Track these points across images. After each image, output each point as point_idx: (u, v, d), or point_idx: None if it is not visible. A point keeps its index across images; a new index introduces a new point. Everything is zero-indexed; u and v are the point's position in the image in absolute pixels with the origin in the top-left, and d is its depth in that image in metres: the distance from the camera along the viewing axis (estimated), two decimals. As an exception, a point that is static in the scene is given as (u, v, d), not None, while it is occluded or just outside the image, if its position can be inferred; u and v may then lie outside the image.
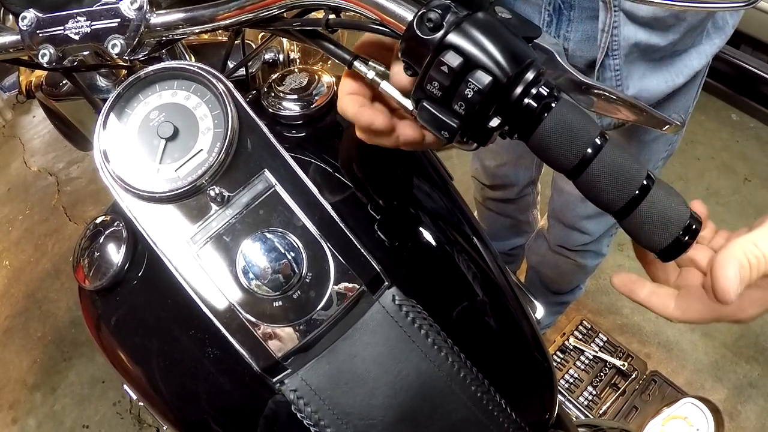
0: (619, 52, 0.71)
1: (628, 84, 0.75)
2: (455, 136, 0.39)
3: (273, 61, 0.79)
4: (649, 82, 0.76)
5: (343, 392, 0.48)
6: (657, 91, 0.78)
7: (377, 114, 0.43)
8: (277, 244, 0.46)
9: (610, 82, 0.75)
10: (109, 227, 0.56)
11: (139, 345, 0.54)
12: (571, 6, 0.71)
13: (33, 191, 2.36)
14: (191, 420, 0.54)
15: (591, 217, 1.13)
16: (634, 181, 0.38)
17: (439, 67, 0.36)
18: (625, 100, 0.49)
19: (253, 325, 0.47)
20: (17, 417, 1.75)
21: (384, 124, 0.43)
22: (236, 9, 0.45)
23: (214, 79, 0.48)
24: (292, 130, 0.61)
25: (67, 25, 0.47)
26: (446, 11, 0.37)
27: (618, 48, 0.71)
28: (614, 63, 0.73)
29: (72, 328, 1.91)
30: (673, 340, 1.70)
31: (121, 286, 0.54)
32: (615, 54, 0.72)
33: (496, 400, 0.50)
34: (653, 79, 0.76)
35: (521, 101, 0.37)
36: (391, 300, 0.49)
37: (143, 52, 0.49)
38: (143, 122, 0.48)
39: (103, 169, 0.47)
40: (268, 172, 0.48)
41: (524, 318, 0.60)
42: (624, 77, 0.74)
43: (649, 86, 0.77)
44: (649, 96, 0.78)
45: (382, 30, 0.41)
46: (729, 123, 2.19)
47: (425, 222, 0.57)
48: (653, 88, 0.77)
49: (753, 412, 1.56)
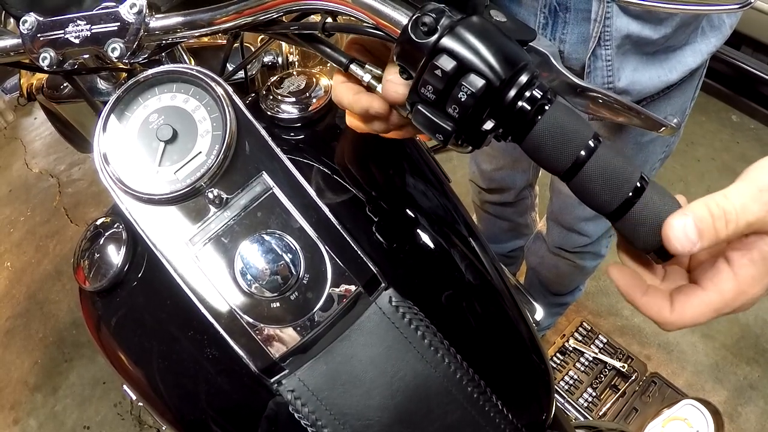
0: (611, 43, 0.71)
1: (619, 76, 0.75)
2: (450, 139, 0.39)
3: (272, 64, 0.80)
4: (641, 76, 0.76)
5: (340, 393, 0.48)
6: (649, 86, 0.78)
7: (374, 99, 0.45)
8: (275, 245, 0.47)
9: (602, 72, 0.75)
10: (109, 229, 0.56)
11: (138, 346, 0.55)
12: (567, 8, 0.72)
13: (34, 193, 2.37)
14: (190, 420, 0.54)
15: (589, 219, 1.13)
16: (627, 183, 0.38)
17: (433, 71, 0.37)
18: (621, 102, 0.49)
19: (251, 326, 0.47)
20: (18, 417, 1.76)
21: (382, 108, 0.44)
22: (235, 13, 0.45)
23: (213, 82, 0.48)
24: (290, 132, 0.61)
25: (68, 29, 0.47)
26: (441, 15, 0.37)
27: (610, 39, 0.71)
28: (606, 53, 0.73)
29: (73, 329, 1.92)
30: (673, 342, 1.70)
31: (120, 288, 0.55)
32: (607, 44, 0.72)
33: (492, 401, 0.51)
34: (645, 73, 0.76)
35: (515, 104, 0.38)
36: (388, 301, 0.49)
37: (143, 55, 0.49)
38: (143, 125, 0.48)
39: (103, 171, 0.48)
40: (266, 175, 0.48)
41: (521, 319, 0.60)
42: (616, 69, 0.74)
43: (641, 79, 0.76)
44: (641, 89, 0.78)
45: (378, 34, 0.41)
46: (729, 124, 2.20)
47: (422, 224, 0.57)
48: (645, 82, 0.77)
49: (753, 414, 1.56)
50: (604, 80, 0.76)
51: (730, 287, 0.38)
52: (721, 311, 0.39)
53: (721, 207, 0.35)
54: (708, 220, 0.35)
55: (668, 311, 0.40)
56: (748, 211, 0.35)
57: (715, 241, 0.35)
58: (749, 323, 1.72)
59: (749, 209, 0.35)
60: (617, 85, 0.76)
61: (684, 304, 0.40)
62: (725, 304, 0.38)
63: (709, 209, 0.35)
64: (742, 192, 0.35)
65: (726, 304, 0.38)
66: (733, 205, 0.35)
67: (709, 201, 0.36)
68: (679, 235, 0.35)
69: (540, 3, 0.73)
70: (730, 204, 0.35)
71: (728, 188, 0.36)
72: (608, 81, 0.76)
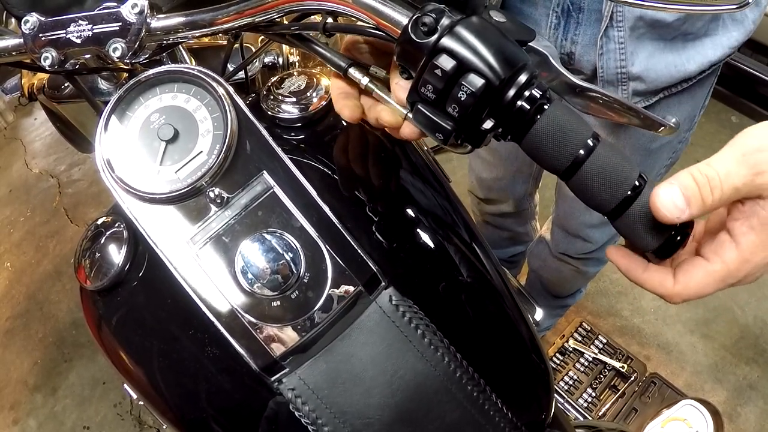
0: (623, 24, 0.68)
1: (633, 61, 0.72)
2: (449, 138, 0.39)
3: (272, 64, 0.80)
4: (657, 63, 0.73)
5: (340, 391, 0.48)
6: (665, 74, 0.74)
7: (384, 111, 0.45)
8: (276, 244, 0.47)
9: (614, 54, 0.72)
10: (110, 228, 0.56)
11: (139, 344, 0.55)
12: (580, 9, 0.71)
13: (34, 193, 2.37)
14: (191, 419, 0.54)
15: (595, 225, 1.11)
16: (626, 181, 0.38)
17: (433, 71, 0.37)
18: (620, 101, 0.49)
19: (251, 325, 0.47)
20: (18, 418, 1.76)
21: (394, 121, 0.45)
22: (236, 13, 0.46)
23: (214, 82, 0.48)
24: (291, 132, 0.61)
25: (69, 29, 0.48)
26: (440, 15, 0.37)
27: (623, 19, 0.68)
28: (619, 35, 0.70)
29: (73, 329, 1.92)
30: (673, 342, 1.70)
31: (121, 287, 0.55)
32: (620, 25, 0.69)
33: (492, 400, 0.51)
34: (661, 60, 0.73)
35: (514, 103, 0.38)
36: (388, 300, 0.49)
37: (144, 55, 0.49)
38: (144, 124, 0.49)
39: (104, 171, 0.48)
40: (266, 174, 0.48)
41: (521, 319, 0.60)
42: (629, 53, 0.72)
43: (656, 66, 0.73)
44: (655, 77, 0.74)
45: (378, 34, 0.41)
46: (729, 126, 2.20)
47: (422, 223, 0.57)
48: (661, 70, 0.74)
49: (753, 414, 1.56)
50: (617, 64, 0.73)
51: (734, 256, 0.38)
52: (726, 281, 0.39)
53: (704, 174, 0.36)
54: (693, 187, 0.36)
55: (671, 283, 0.40)
56: (732, 175, 0.35)
57: (702, 207, 0.36)
58: (749, 324, 1.72)
59: (733, 173, 0.35)
60: (631, 71, 0.74)
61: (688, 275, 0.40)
62: (730, 274, 0.38)
63: (693, 177, 0.36)
64: (726, 158, 0.36)
65: (730, 273, 0.38)
66: (717, 171, 0.36)
67: (693, 170, 0.36)
68: (666, 203, 0.36)
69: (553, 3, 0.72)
70: (713, 171, 0.36)
71: (712, 156, 0.37)
72: (621, 65, 0.73)
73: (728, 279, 0.38)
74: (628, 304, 1.79)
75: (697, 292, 0.39)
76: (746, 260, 0.38)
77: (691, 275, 0.39)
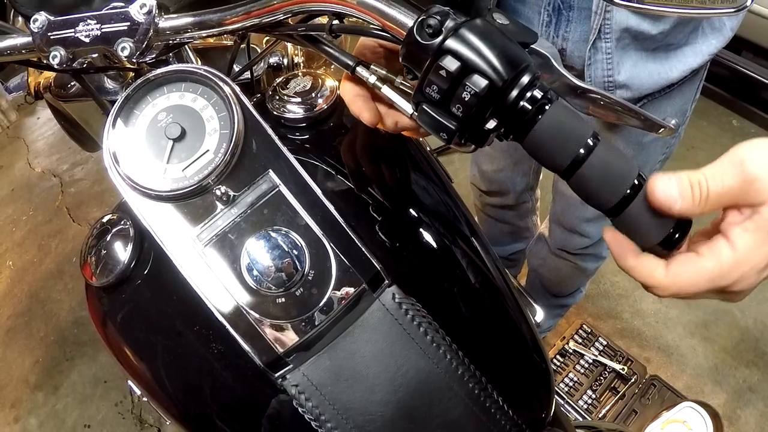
0: (611, 36, 0.73)
1: (619, 69, 0.77)
2: (453, 138, 0.40)
3: (277, 65, 0.81)
4: (641, 71, 0.78)
5: (343, 388, 0.49)
6: (649, 81, 0.79)
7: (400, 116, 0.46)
8: (281, 242, 0.47)
9: (602, 65, 0.76)
10: (117, 225, 0.57)
11: (144, 340, 0.55)
12: (570, 6, 0.73)
13: (37, 192, 2.38)
14: (195, 414, 0.55)
15: (591, 220, 1.14)
16: (626, 180, 0.39)
17: (438, 72, 0.38)
18: (621, 103, 0.50)
19: (256, 322, 0.48)
20: (19, 416, 1.76)
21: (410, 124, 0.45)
22: (243, 14, 0.46)
23: (221, 82, 0.49)
24: (296, 132, 0.62)
25: (78, 28, 0.48)
26: (445, 17, 0.38)
27: (610, 31, 0.72)
28: (606, 46, 0.74)
29: (74, 328, 1.92)
30: (673, 345, 1.70)
31: (127, 283, 0.56)
32: (607, 37, 0.73)
33: (493, 398, 0.51)
34: (645, 69, 0.78)
35: (516, 104, 0.38)
36: (391, 298, 0.50)
37: (151, 55, 0.50)
38: (151, 123, 0.49)
39: (112, 169, 0.48)
40: (272, 173, 0.49)
41: (522, 318, 0.61)
42: (616, 62, 0.76)
43: (640, 75, 0.78)
44: (640, 85, 0.79)
45: (384, 35, 0.42)
46: (730, 129, 2.20)
47: (425, 222, 0.58)
48: (645, 78, 0.78)
49: (752, 417, 1.56)
50: (604, 73, 0.77)
51: (728, 255, 0.38)
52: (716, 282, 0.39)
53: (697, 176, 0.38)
54: (686, 183, 0.38)
55: (662, 273, 0.40)
56: (717, 180, 0.38)
57: (690, 204, 0.38)
58: (749, 326, 1.72)
59: (717, 180, 0.38)
60: (617, 79, 0.78)
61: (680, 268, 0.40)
62: (722, 273, 0.38)
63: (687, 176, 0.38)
64: (714, 166, 0.38)
65: (722, 272, 0.38)
66: (704, 175, 0.38)
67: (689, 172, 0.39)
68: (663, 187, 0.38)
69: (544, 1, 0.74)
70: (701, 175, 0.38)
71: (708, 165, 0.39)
72: (608, 74, 0.77)
73: (719, 279, 0.39)
74: (629, 306, 1.79)
75: (686, 287, 0.39)
76: (740, 262, 0.38)
77: (683, 269, 0.39)
